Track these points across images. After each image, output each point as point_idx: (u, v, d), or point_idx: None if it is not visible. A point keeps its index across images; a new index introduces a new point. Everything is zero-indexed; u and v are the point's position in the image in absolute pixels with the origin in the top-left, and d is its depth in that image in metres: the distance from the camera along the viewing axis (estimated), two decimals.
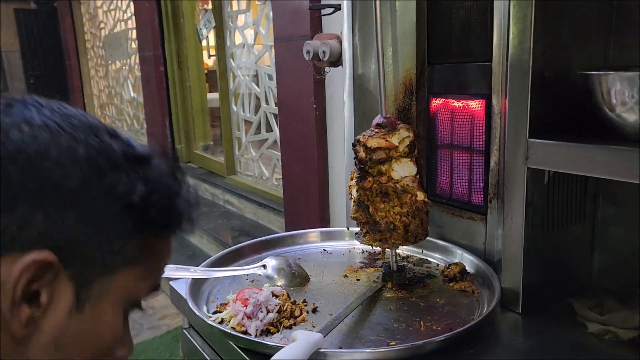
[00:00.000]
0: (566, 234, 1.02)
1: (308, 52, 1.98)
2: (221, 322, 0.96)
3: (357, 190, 1.06)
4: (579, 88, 0.90)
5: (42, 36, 7.32)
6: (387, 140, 1.03)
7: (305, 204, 2.52)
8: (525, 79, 0.90)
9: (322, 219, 2.41)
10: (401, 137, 1.04)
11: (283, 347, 0.84)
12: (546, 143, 0.88)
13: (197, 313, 0.95)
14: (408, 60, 1.20)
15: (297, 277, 1.13)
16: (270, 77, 3.03)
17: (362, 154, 1.04)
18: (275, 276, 1.13)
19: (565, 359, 0.85)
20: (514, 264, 0.98)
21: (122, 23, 5.12)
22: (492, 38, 1.01)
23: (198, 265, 1.13)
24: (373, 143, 1.03)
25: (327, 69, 2.20)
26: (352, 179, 1.11)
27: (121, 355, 0.58)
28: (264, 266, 1.15)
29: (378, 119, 1.06)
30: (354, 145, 1.05)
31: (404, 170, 1.04)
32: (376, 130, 1.05)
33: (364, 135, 1.05)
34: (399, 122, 1.07)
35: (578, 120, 0.91)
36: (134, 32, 4.64)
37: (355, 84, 1.30)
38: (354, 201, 1.06)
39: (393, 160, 1.04)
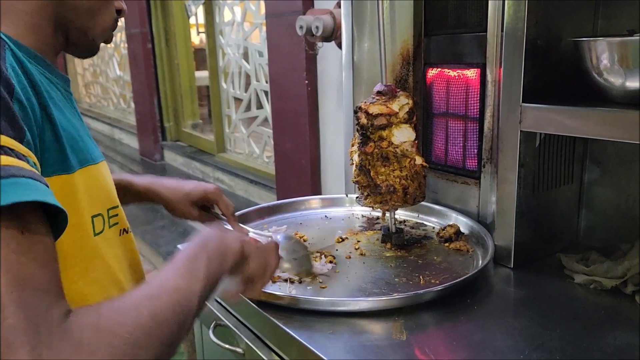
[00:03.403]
0: (555, 194, 1.09)
1: (301, 27, 2.01)
2: None
3: (358, 155, 1.11)
4: (568, 55, 0.96)
5: None
6: (387, 107, 1.08)
7: (297, 180, 2.56)
8: (520, 47, 0.96)
9: (315, 194, 2.46)
10: (401, 104, 1.09)
11: (295, 297, 0.90)
12: (538, 107, 0.94)
13: None
14: (405, 31, 1.24)
15: (299, 267, 0.98)
16: (260, 54, 3.04)
17: (363, 120, 1.09)
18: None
19: (554, 305, 0.92)
20: (507, 221, 1.04)
21: None
22: (487, 9, 1.06)
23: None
24: (374, 109, 1.08)
25: (319, 44, 2.24)
26: (353, 145, 1.16)
27: (119, 6, 0.75)
28: (270, 237, 1.05)
29: (379, 87, 1.11)
30: (355, 112, 1.10)
31: (403, 135, 1.09)
32: (377, 97, 1.10)
33: (365, 102, 1.10)
34: (398, 90, 1.12)
35: (567, 86, 0.97)
36: None
37: (353, 57, 1.34)
38: (356, 166, 1.12)
39: (393, 126, 1.09)
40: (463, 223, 1.19)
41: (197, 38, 4.45)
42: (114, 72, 5.17)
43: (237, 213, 1.25)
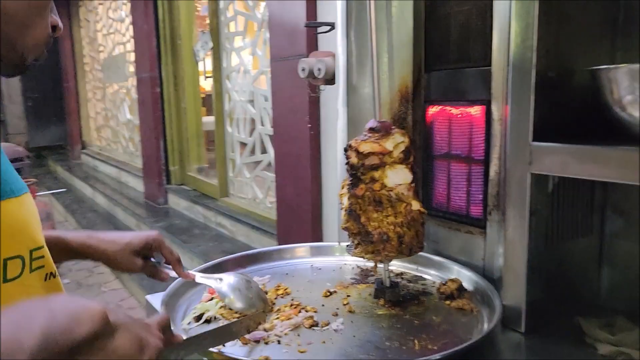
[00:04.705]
0: (572, 247, 0.96)
1: (303, 69, 1.94)
2: (199, 318, 0.95)
3: (348, 199, 0.99)
4: (584, 89, 0.85)
5: None
6: (380, 145, 0.97)
7: (298, 226, 2.45)
8: (528, 79, 0.86)
9: (316, 241, 2.34)
10: (396, 142, 0.98)
11: None
12: (551, 147, 0.82)
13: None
14: (404, 67, 1.15)
15: (255, 304, 0.96)
16: (266, 99, 3.01)
17: (353, 160, 0.98)
18: (230, 295, 0.96)
19: None
20: (516, 277, 0.91)
21: (121, 46, 5.14)
22: (492, 41, 0.97)
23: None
24: (366, 147, 0.97)
25: (322, 86, 2.17)
26: (343, 187, 1.04)
27: (54, 21, 0.68)
28: (220, 279, 0.99)
29: (371, 123, 1.00)
30: (345, 150, 1.00)
31: (398, 177, 0.98)
32: (369, 134, 0.99)
33: (356, 139, 1.00)
34: (393, 126, 1.02)
35: (584, 122, 0.86)
36: (133, 54, 4.65)
37: (350, 95, 1.25)
38: (345, 210, 1.00)
39: (387, 166, 0.97)
40: (467, 277, 1.05)
41: (208, 84, 4.47)
42: (124, 116, 5.20)
43: (213, 262, 1.13)
